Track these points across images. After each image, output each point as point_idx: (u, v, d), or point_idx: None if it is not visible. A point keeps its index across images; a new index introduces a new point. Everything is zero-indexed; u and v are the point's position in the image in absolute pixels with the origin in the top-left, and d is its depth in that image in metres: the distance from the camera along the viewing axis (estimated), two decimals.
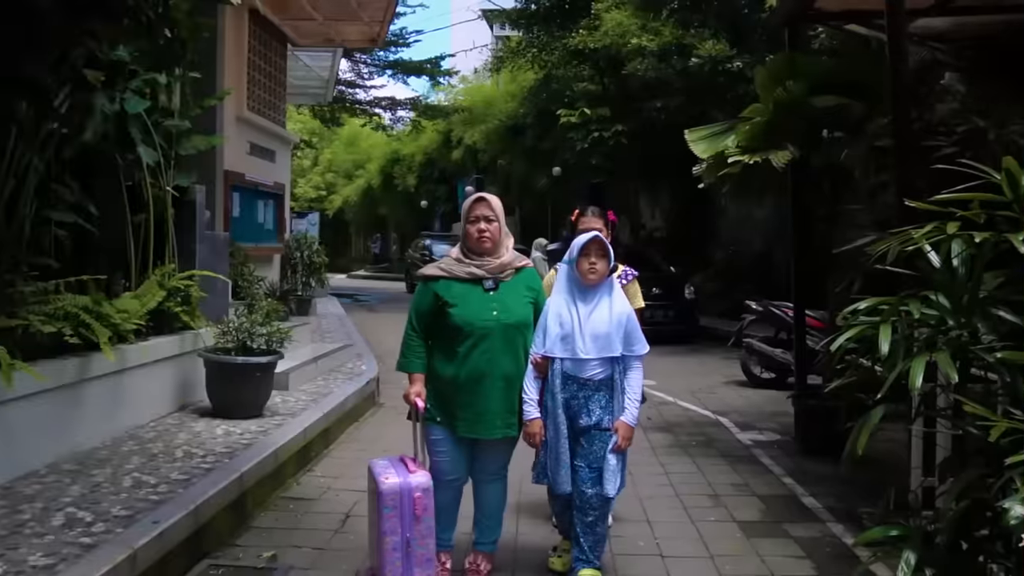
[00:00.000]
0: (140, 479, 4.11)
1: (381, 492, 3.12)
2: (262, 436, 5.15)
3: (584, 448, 3.35)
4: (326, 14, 12.04)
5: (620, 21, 14.73)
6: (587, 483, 3.34)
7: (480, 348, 3.29)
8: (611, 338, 3.31)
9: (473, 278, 3.35)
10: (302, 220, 20.74)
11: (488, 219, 3.37)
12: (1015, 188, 2.46)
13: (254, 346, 5.64)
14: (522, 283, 3.46)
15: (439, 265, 3.44)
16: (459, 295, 3.33)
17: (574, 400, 3.35)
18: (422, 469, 3.28)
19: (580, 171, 17.74)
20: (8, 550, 3.11)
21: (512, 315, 3.35)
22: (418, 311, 3.42)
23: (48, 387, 4.13)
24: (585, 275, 3.35)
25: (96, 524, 3.44)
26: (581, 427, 3.35)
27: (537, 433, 3.36)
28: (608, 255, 3.34)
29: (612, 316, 3.34)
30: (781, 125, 5.65)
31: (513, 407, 3.38)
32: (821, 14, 6.33)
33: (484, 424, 3.34)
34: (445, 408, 3.39)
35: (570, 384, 3.34)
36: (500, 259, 3.39)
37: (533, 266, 3.54)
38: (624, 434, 3.34)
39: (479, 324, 3.29)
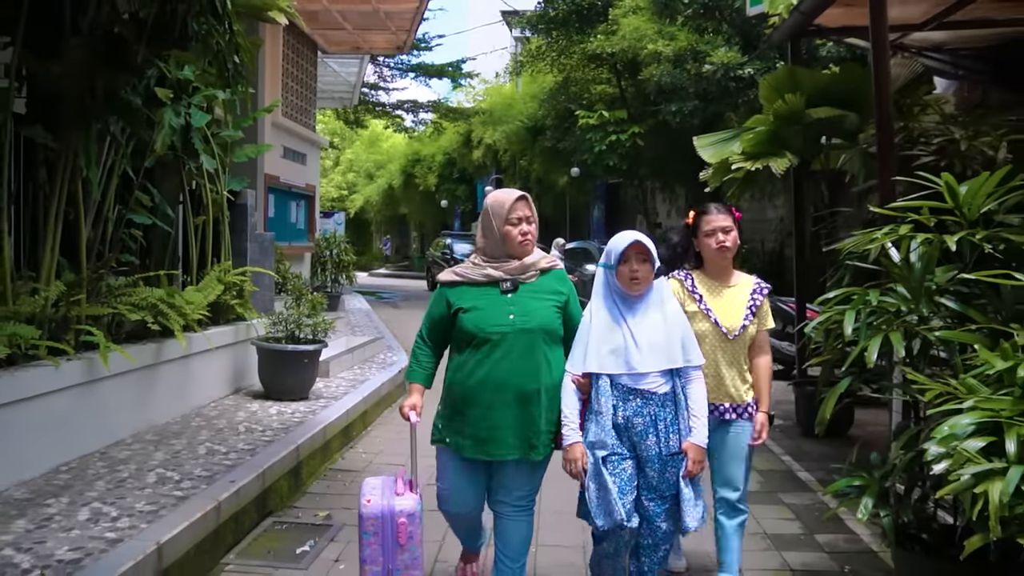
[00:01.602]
0: (212, 448, 4.72)
1: (361, 515, 2.84)
2: (311, 415, 5.74)
3: (654, 477, 2.87)
4: (355, 24, 12.65)
5: (637, 26, 15.24)
6: (660, 517, 2.89)
7: (494, 356, 2.90)
8: (671, 346, 2.89)
9: (489, 280, 2.99)
10: (328, 220, 21.36)
11: (530, 220, 3.01)
12: (954, 197, 2.98)
13: (301, 335, 6.25)
14: (548, 285, 3.05)
15: (455, 270, 3.09)
16: (473, 299, 2.98)
17: (638, 418, 2.86)
18: (412, 492, 2.93)
19: (597, 171, 18.25)
20: (117, 499, 3.72)
21: (532, 319, 2.93)
22: (431, 318, 3.11)
23: (132, 368, 4.74)
24: (627, 284, 2.91)
25: (183, 482, 4.04)
26: (649, 454, 2.86)
27: (578, 459, 2.84)
28: (652, 259, 2.91)
29: (667, 322, 2.92)
30: (781, 134, 6.17)
31: (535, 426, 2.92)
32: (821, 30, 6.82)
33: (495, 443, 2.90)
34: (453, 426, 3.00)
35: (632, 399, 2.87)
36: (523, 260, 3.01)
37: (561, 266, 3.17)
38: (695, 457, 2.87)
39: (492, 329, 2.91)
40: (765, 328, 3.29)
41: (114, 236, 4.99)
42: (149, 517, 3.51)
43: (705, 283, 3.31)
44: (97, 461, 4.31)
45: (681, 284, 3.32)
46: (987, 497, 2.07)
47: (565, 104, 18.82)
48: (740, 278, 3.34)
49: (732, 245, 3.23)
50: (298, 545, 4.02)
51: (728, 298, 3.26)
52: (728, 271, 3.31)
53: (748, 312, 3.22)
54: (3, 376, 3.74)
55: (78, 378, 4.26)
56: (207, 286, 5.87)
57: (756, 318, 3.25)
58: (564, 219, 25.03)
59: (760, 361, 3.29)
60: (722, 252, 3.24)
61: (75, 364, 4.23)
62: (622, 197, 23.15)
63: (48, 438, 4.09)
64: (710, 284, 3.31)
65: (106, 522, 3.44)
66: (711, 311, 3.22)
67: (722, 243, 3.22)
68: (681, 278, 3.33)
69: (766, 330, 3.30)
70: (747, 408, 3.24)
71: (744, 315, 3.22)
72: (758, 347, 3.29)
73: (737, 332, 3.20)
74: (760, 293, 3.29)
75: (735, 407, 3.23)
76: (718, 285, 3.30)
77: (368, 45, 13.99)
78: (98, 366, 4.37)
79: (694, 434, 2.90)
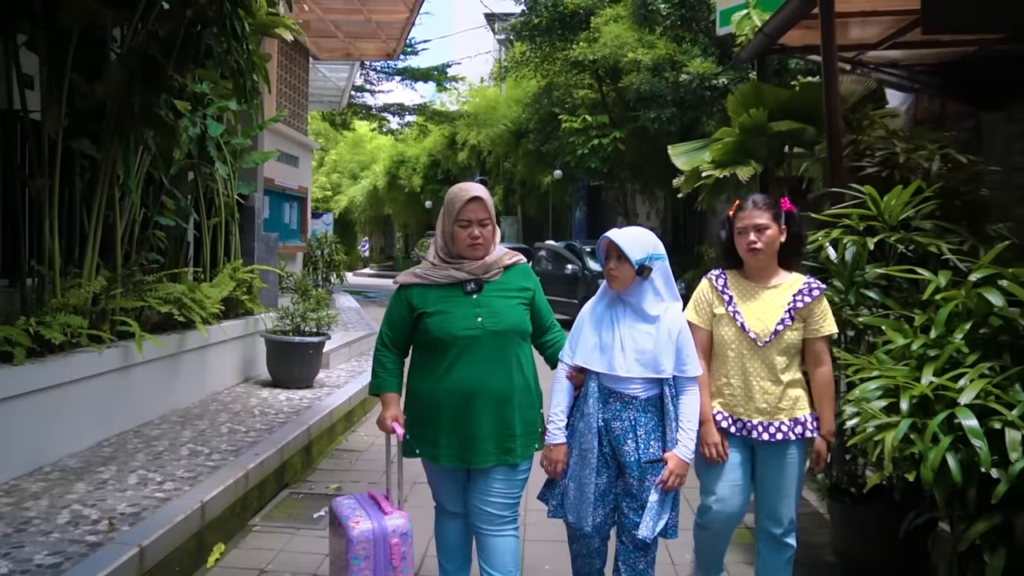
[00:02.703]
0: (233, 428, 5.23)
1: (351, 539, 2.60)
2: (317, 401, 6.26)
3: (634, 485, 2.71)
4: (347, 32, 13.17)
5: (618, 34, 15.83)
6: (636, 527, 2.71)
7: (464, 361, 2.74)
8: (657, 355, 2.70)
9: (452, 281, 2.81)
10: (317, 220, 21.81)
11: (482, 223, 2.80)
12: (876, 206, 3.57)
13: (306, 328, 6.76)
14: (513, 282, 2.89)
15: (414, 271, 2.89)
16: (437, 302, 2.79)
17: (617, 422, 2.72)
18: (399, 510, 2.78)
19: (580, 173, 18.84)
20: (159, 468, 4.24)
21: (501, 320, 2.78)
22: (390, 323, 2.90)
23: (159, 356, 5.24)
24: (608, 282, 2.80)
25: (213, 455, 4.56)
26: (628, 460, 2.71)
27: (560, 461, 2.77)
28: (627, 257, 2.70)
29: (661, 327, 2.72)
30: (747, 144, 6.77)
31: (511, 429, 2.78)
32: (785, 48, 7.42)
33: (473, 450, 2.75)
34: (424, 435, 2.83)
35: (612, 402, 2.74)
36: (484, 259, 2.83)
37: (525, 261, 2.99)
38: (674, 468, 2.68)
39: (461, 333, 2.74)
40: (821, 335, 2.89)
41: (141, 236, 5.48)
42: (190, 482, 4.03)
43: (740, 284, 2.99)
44: (133, 438, 4.82)
45: (711, 284, 3.02)
46: (884, 444, 2.64)
47: (548, 108, 19.40)
48: (785, 278, 2.96)
49: (765, 246, 2.87)
50: (314, 511, 4.55)
51: (765, 300, 2.91)
52: (768, 271, 2.96)
53: (786, 315, 2.86)
54: (58, 360, 4.24)
55: (115, 364, 4.76)
56: (220, 282, 6.37)
57: (801, 322, 2.87)
58: (547, 219, 25.63)
59: (817, 374, 2.90)
60: (753, 254, 2.89)
61: (113, 351, 4.73)
62: (604, 199, 23.77)
63: (92, 416, 4.59)
64: (745, 285, 2.97)
65: (153, 485, 3.96)
66: (739, 314, 2.90)
67: (752, 244, 2.88)
68: (713, 278, 3.04)
69: (824, 337, 2.90)
70: (796, 427, 2.86)
71: (780, 319, 2.86)
72: (814, 358, 2.90)
73: (768, 338, 2.85)
74: (808, 294, 2.88)
75: (772, 425, 2.85)
76: (755, 286, 2.95)
77: (359, 52, 14.50)
78: (131, 353, 4.87)
79: (679, 446, 2.71)
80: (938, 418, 2.56)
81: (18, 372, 3.94)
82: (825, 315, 2.92)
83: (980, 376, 2.65)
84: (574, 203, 25.28)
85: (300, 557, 3.87)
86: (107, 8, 4.40)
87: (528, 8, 18.26)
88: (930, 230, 3.65)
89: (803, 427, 2.87)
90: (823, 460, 2.89)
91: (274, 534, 4.18)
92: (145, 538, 3.23)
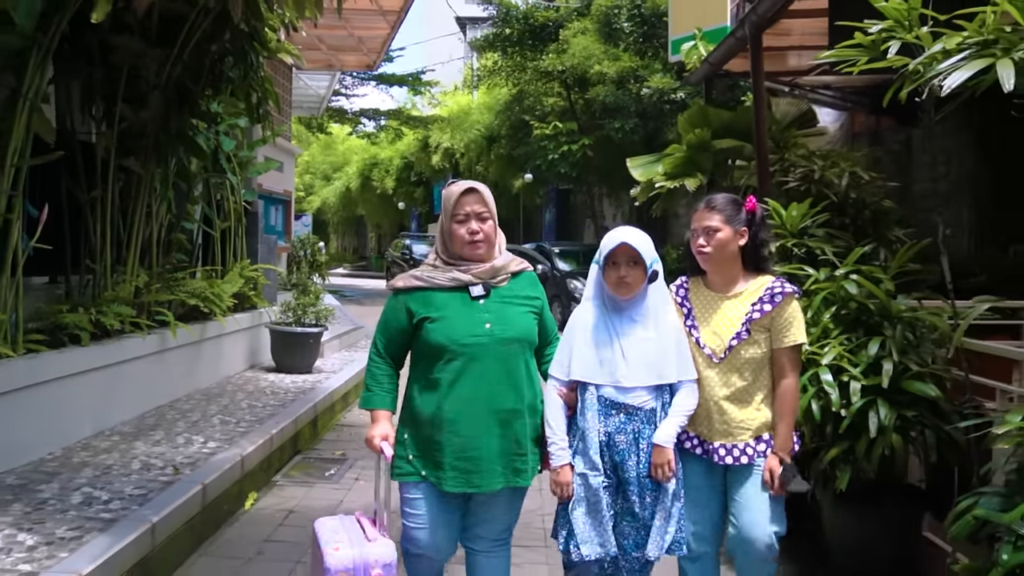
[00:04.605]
0: (251, 404, 6.09)
1: (328, 568, 2.37)
2: (318, 384, 7.12)
3: (635, 502, 2.57)
4: (330, 45, 13.96)
5: (586, 46, 16.82)
6: (637, 546, 2.60)
7: (470, 373, 2.52)
8: (664, 360, 2.58)
9: (457, 284, 2.59)
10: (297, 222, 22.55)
11: (481, 216, 2.61)
12: (780, 216, 4.54)
13: (306, 320, 7.62)
14: (521, 290, 2.69)
15: (414, 274, 2.67)
16: (440, 307, 2.58)
17: (621, 435, 2.56)
18: (384, 536, 2.51)
19: (550, 177, 19.80)
20: (199, 432, 5.10)
21: (510, 328, 2.59)
22: (387, 331, 2.67)
23: (186, 343, 6.07)
24: (615, 289, 2.60)
25: (240, 423, 5.42)
26: (628, 476, 2.56)
27: (569, 483, 2.57)
28: (643, 261, 2.56)
29: (660, 332, 2.61)
30: (694, 159, 7.75)
31: (521, 447, 2.58)
32: (729, 74, 8.42)
33: (481, 473, 2.52)
34: (428, 456, 2.56)
35: (616, 414, 2.57)
36: (492, 262, 2.64)
37: (532, 269, 2.82)
38: (654, 457, 2.55)
39: (467, 341, 2.53)
40: (785, 346, 2.65)
41: (167, 239, 6.31)
42: (227, 442, 4.89)
43: (700, 294, 2.78)
44: (169, 411, 5.66)
45: (672, 296, 2.80)
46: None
47: (519, 115, 20.34)
48: (747, 286, 2.72)
49: (714, 250, 2.66)
50: (325, 471, 5.43)
51: (723, 312, 2.70)
52: (727, 278, 2.73)
53: (742, 329, 2.64)
54: (113, 343, 5.07)
55: (154, 348, 5.60)
56: (231, 279, 7.20)
57: (764, 332, 2.65)
58: (518, 221, 26.58)
59: (781, 386, 2.67)
60: (702, 258, 2.71)
61: (152, 337, 5.56)
62: (572, 202, 24.79)
63: (138, 391, 5.43)
64: (706, 295, 2.77)
65: (198, 444, 4.82)
66: (695, 328, 2.72)
67: (701, 248, 2.69)
68: (674, 288, 2.84)
69: (788, 348, 2.65)
70: (760, 445, 2.66)
71: (736, 332, 2.65)
72: (778, 369, 2.67)
73: (723, 355, 2.65)
74: (768, 301, 2.64)
75: (737, 448, 2.66)
76: (715, 296, 2.74)
77: (340, 63, 15.30)
78: (166, 339, 5.71)
79: (656, 433, 2.56)
80: (806, 375, 3.52)
81: (85, 352, 4.77)
82: (790, 323, 2.65)
83: (840, 344, 3.61)
84: (544, 206, 26.27)
85: (317, 503, 4.74)
86: (151, 48, 5.24)
87: (500, 20, 19.19)
88: (821, 236, 4.62)
89: (767, 444, 2.66)
90: (775, 479, 2.61)
91: (294, 487, 5.06)
92: (205, 478, 4.11)
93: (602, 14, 16.38)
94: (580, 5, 17.78)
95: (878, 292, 3.67)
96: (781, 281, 2.71)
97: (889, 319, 3.63)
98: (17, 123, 4.18)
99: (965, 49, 2.35)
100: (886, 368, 3.39)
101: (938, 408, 3.37)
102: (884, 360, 3.43)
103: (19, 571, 2.92)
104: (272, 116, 6.70)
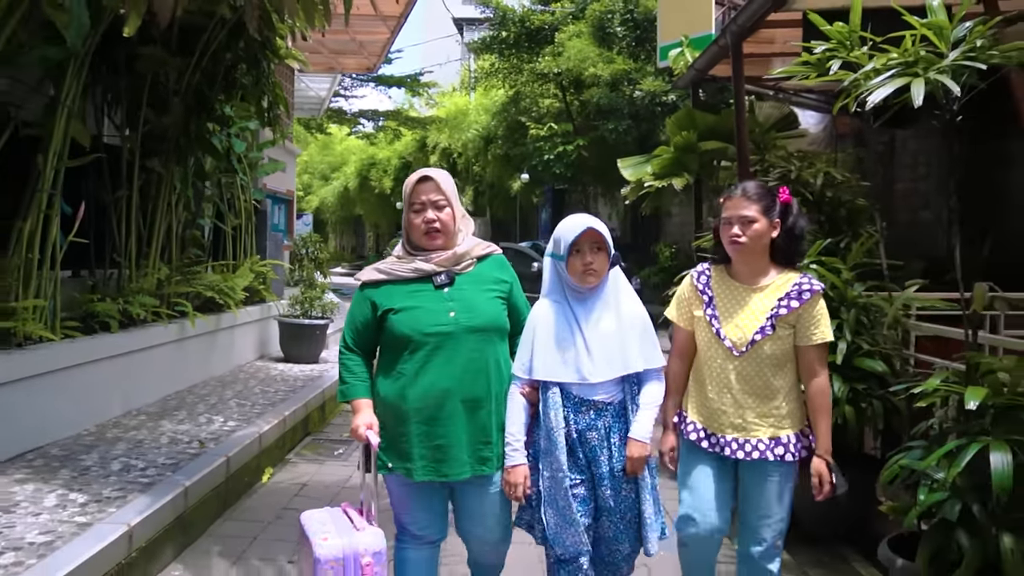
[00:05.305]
0: (264, 390, 6.50)
1: (317, 559, 2.36)
2: (324, 373, 7.53)
3: (611, 496, 2.54)
4: (331, 49, 14.35)
5: (581, 48, 17.27)
6: (619, 539, 2.57)
7: (436, 362, 2.51)
8: (626, 351, 2.52)
9: (420, 274, 2.58)
10: (298, 221, 22.96)
11: (437, 204, 2.58)
12: None
13: (313, 313, 8.04)
14: (488, 274, 2.66)
15: (377, 267, 2.66)
16: (403, 298, 2.57)
17: (592, 431, 2.52)
18: (372, 525, 2.52)
19: (546, 177, 20.25)
20: (218, 413, 5.51)
21: (477, 316, 2.56)
22: (353, 325, 2.64)
23: (202, 332, 6.48)
24: (579, 278, 2.53)
25: (255, 406, 5.83)
26: (602, 471, 2.53)
27: (520, 484, 2.52)
28: (607, 247, 2.53)
29: (622, 322, 2.54)
30: (681, 160, 8.19)
31: (488, 436, 2.56)
32: (715, 78, 8.85)
33: (448, 461, 2.52)
34: (395, 448, 2.55)
35: (585, 411, 2.53)
36: (454, 249, 2.61)
37: (500, 251, 2.76)
38: (631, 451, 2.51)
39: (431, 330, 2.51)
40: (813, 343, 2.59)
41: (184, 235, 6.72)
42: (244, 422, 5.30)
43: (724, 283, 2.70)
44: (188, 395, 6.07)
45: (692, 282, 2.75)
46: None
47: (516, 116, 20.78)
48: (775, 279, 2.64)
49: (750, 240, 2.57)
50: (334, 450, 5.84)
51: (748, 305, 2.62)
52: (755, 269, 2.65)
53: (767, 324, 2.57)
54: (139, 331, 5.48)
55: (174, 336, 6.00)
56: (242, 274, 7.60)
57: (789, 329, 2.58)
58: (515, 221, 27.03)
59: (811, 386, 2.62)
60: (735, 248, 2.60)
61: (173, 326, 5.97)
62: (568, 201, 25.21)
63: (160, 376, 5.84)
64: (730, 285, 2.68)
65: (219, 423, 5.23)
66: (716, 319, 2.65)
67: (736, 237, 2.58)
68: (695, 275, 2.76)
69: (816, 345, 2.59)
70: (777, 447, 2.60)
71: (760, 327, 2.57)
72: (806, 368, 2.61)
73: (744, 348, 2.58)
74: (796, 297, 2.57)
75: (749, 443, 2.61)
76: (741, 287, 2.66)
77: (341, 66, 15.70)
78: (185, 329, 6.12)
79: (632, 427, 2.52)
80: None
81: (114, 338, 5.18)
82: (818, 321, 2.58)
83: None
84: (540, 205, 26.71)
85: (328, 478, 5.15)
86: (172, 57, 5.65)
87: (497, 23, 19.62)
88: None
89: (784, 448, 2.59)
90: (826, 483, 2.57)
91: (306, 464, 5.47)
92: (229, 451, 4.52)
93: (596, 18, 16.85)
94: (575, 9, 18.22)
95: (836, 280, 4.09)
96: (809, 278, 2.63)
97: (845, 304, 4.05)
98: (57, 128, 4.58)
99: (891, 68, 2.77)
100: (840, 347, 3.81)
101: (885, 382, 3.80)
102: (839, 340, 3.85)
103: (76, 522, 3.33)
104: (280, 120, 7.09)
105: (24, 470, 4.05)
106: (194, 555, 3.78)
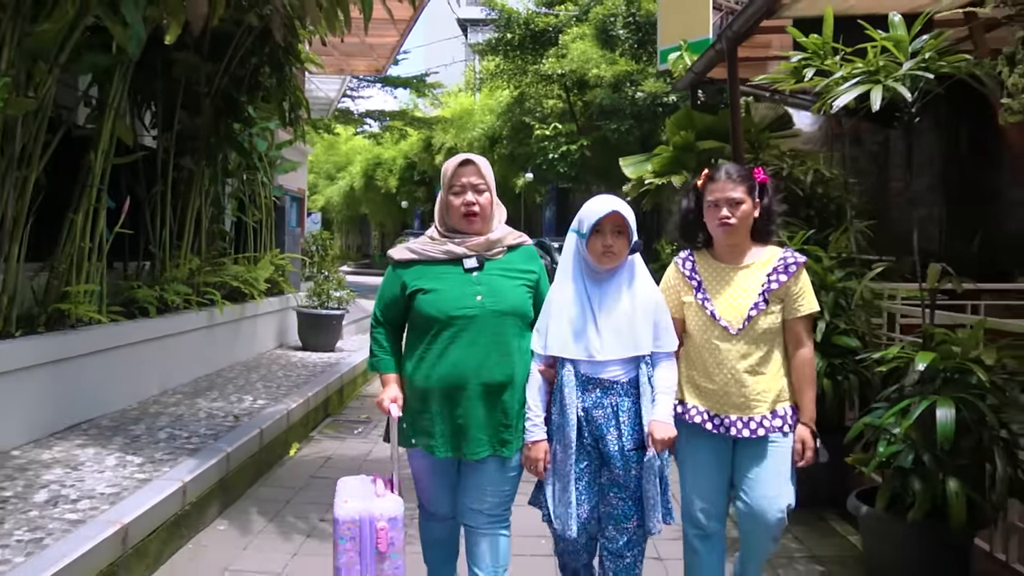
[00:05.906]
0: (286, 374, 6.92)
1: (336, 519, 2.53)
2: (341, 360, 7.95)
3: (620, 475, 2.56)
4: (342, 51, 14.74)
5: (584, 50, 17.66)
6: (626, 517, 2.60)
7: (460, 343, 2.57)
8: (636, 333, 2.56)
9: (451, 257, 2.64)
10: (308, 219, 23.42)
11: (477, 188, 2.63)
12: None
13: (329, 304, 8.46)
14: (517, 263, 2.71)
15: (409, 246, 2.72)
16: (433, 279, 2.62)
17: (598, 410, 2.56)
18: (393, 493, 2.64)
19: (550, 176, 20.65)
20: (247, 393, 5.93)
21: (502, 301, 2.61)
22: (383, 301, 2.74)
23: (228, 320, 6.90)
24: (598, 258, 2.58)
25: (280, 388, 6.25)
26: (611, 450, 2.55)
27: (541, 459, 2.59)
28: (629, 231, 2.57)
29: (636, 304, 2.58)
30: (680, 158, 8.58)
31: (509, 420, 2.61)
32: (713, 80, 9.25)
33: (467, 441, 2.58)
34: (419, 425, 2.64)
35: (592, 389, 2.57)
36: (487, 235, 2.67)
37: (531, 242, 2.82)
38: (659, 434, 2.51)
39: (457, 312, 2.57)
40: (800, 315, 2.67)
41: (212, 228, 7.14)
42: (272, 400, 5.72)
43: (709, 266, 2.74)
44: (216, 378, 6.49)
45: (677, 269, 2.78)
46: None
47: (520, 117, 21.18)
48: (759, 255, 2.71)
49: (740, 222, 2.63)
50: (354, 429, 6.26)
51: (737, 283, 2.68)
52: (739, 249, 2.71)
53: (759, 299, 2.63)
54: (173, 317, 5.90)
55: (205, 322, 6.43)
56: (263, 266, 8.03)
57: (778, 303, 2.65)
58: (520, 218, 27.45)
59: (797, 356, 2.68)
60: (725, 230, 2.65)
61: (203, 313, 6.40)
62: (572, 200, 25.63)
63: (192, 359, 6.27)
64: (715, 267, 2.73)
65: (249, 401, 5.65)
66: (708, 301, 2.68)
67: (725, 219, 2.63)
68: (679, 262, 2.80)
69: (803, 317, 2.67)
70: (776, 420, 2.64)
71: (753, 303, 2.63)
72: (793, 339, 2.68)
73: (741, 326, 2.63)
74: (784, 271, 2.65)
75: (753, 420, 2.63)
76: (727, 267, 2.71)
77: (350, 68, 16.12)
78: (214, 316, 6.54)
79: (657, 409, 2.55)
80: None
81: (153, 323, 5.61)
82: (804, 292, 2.67)
83: None
84: (544, 204, 27.14)
85: (350, 451, 5.57)
86: (204, 62, 6.07)
87: (502, 25, 20.02)
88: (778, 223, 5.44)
89: (783, 420, 2.64)
90: (809, 448, 2.64)
91: (329, 441, 5.89)
92: (262, 424, 4.94)
93: (599, 21, 17.25)
94: (578, 12, 18.64)
95: (817, 267, 4.49)
96: (792, 252, 2.72)
97: (825, 288, 4.45)
98: (104, 128, 5.00)
99: (856, 76, 3.18)
100: (820, 326, 4.21)
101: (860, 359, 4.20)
102: (819, 320, 4.26)
103: (136, 478, 3.76)
104: (301, 121, 7.51)
105: (82, 437, 4.48)
106: (235, 512, 4.20)
